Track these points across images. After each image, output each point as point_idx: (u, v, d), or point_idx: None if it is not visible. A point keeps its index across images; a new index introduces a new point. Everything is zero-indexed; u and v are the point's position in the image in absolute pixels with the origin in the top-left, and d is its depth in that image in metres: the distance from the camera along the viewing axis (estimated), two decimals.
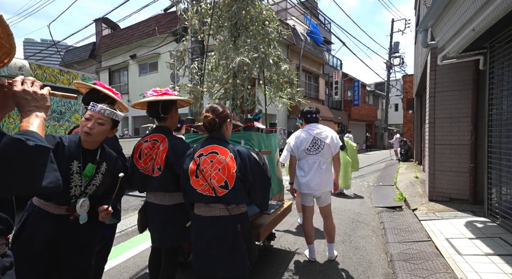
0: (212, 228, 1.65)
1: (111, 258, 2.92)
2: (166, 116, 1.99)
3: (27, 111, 0.83)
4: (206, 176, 1.61)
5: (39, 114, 0.84)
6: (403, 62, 23.52)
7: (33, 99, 0.85)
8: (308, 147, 2.82)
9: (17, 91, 0.84)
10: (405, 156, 12.74)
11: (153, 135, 1.98)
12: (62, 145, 1.41)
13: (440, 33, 4.18)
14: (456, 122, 4.71)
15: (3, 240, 0.78)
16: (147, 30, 13.81)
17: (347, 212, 4.87)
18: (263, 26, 3.02)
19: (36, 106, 0.85)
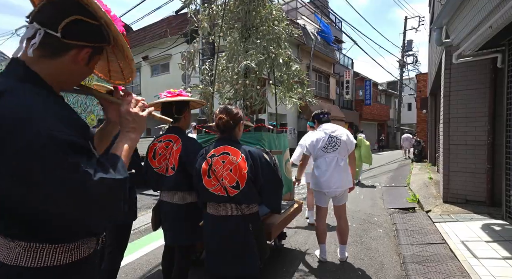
0: (224, 227, 1.67)
1: (124, 255, 3.01)
2: (180, 117, 2.03)
3: (125, 132, 0.85)
4: (218, 176, 1.63)
5: (133, 137, 0.85)
6: (416, 61, 23.03)
7: (133, 120, 0.86)
8: (325, 145, 2.84)
9: (121, 111, 0.87)
10: (419, 156, 12.46)
11: (167, 135, 2.02)
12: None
13: (455, 31, 4.07)
14: (472, 122, 4.58)
15: (95, 240, 0.85)
16: (159, 32, 14.03)
17: (358, 213, 4.82)
18: (273, 27, 3.05)
19: (134, 128, 0.86)
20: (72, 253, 0.76)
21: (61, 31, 0.71)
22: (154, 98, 2.18)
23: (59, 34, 0.71)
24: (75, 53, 0.75)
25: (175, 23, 12.80)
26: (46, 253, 0.73)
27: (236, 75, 3.02)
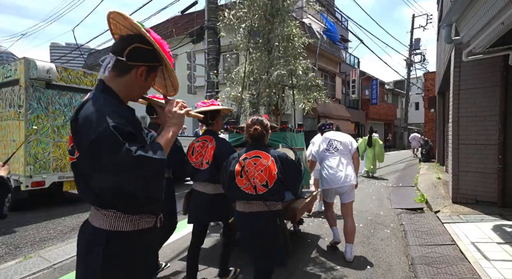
0: (254, 224, 1.89)
1: None
2: (213, 122, 2.44)
3: (167, 126, 1.10)
4: (250, 176, 1.86)
5: (173, 130, 1.09)
6: (424, 59, 22.70)
7: (173, 117, 1.10)
8: (327, 147, 3.24)
9: (165, 110, 1.13)
10: (427, 156, 12.28)
11: (203, 137, 2.45)
12: None
13: (465, 28, 3.99)
14: (482, 121, 4.49)
15: (154, 218, 1.10)
16: (164, 32, 14.10)
17: (365, 213, 4.76)
18: (293, 42, 3.66)
19: (173, 123, 1.10)
20: (135, 223, 1.03)
21: (125, 56, 1.01)
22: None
23: (124, 58, 1.01)
24: (135, 71, 1.05)
25: (180, 23, 12.85)
26: (118, 220, 1.01)
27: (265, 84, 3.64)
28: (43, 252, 3.07)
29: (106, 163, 0.90)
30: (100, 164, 0.91)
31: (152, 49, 1.06)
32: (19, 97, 4.32)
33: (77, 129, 0.95)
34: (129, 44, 1.03)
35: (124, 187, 0.94)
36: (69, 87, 4.72)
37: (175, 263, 2.96)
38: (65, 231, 3.86)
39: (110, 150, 0.89)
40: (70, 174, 4.75)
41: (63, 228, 3.99)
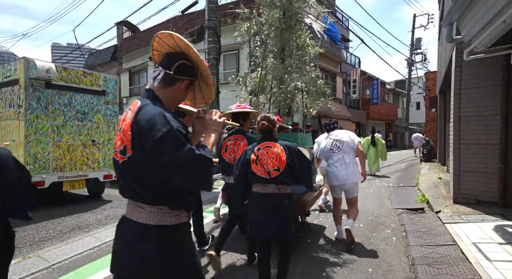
0: (268, 201, 2.19)
1: None
2: (244, 123, 2.82)
3: (208, 132, 1.26)
4: (263, 163, 2.18)
5: (213, 135, 1.24)
6: (425, 59, 22.64)
7: (214, 124, 1.26)
8: (331, 147, 3.52)
9: (206, 118, 1.28)
10: (428, 156, 12.23)
11: (234, 135, 2.80)
12: None
13: (467, 27, 3.96)
14: (484, 121, 4.46)
15: (186, 213, 1.19)
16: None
17: (366, 213, 4.74)
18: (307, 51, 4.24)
19: (214, 130, 1.26)
20: (177, 217, 1.14)
21: (173, 70, 1.17)
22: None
23: (172, 72, 1.17)
24: (179, 84, 1.20)
25: (181, 23, 12.84)
26: (164, 215, 1.10)
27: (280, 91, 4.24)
28: (42, 252, 3.06)
29: (169, 160, 1.01)
30: (163, 162, 1.01)
31: (193, 65, 1.24)
32: (19, 97, 4.32)
33: (139, 131, 1.04)
34: (176, 60, 1.20)
35: (184, 182, 1.07)
36: (68, 87, 4.71)
37: None
38: (64, 231, 3.85)
39: (175, 148, 1.01)
40: (70, 174, 4.75)
41: (63, 228, 3.99)
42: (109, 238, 3.51)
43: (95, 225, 4.06)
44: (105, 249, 3.26)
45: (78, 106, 4.82)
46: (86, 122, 4.96)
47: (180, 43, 1.18)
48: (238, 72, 12.78)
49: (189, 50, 1.19)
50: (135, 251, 1.07)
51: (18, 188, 1.45)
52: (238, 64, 12.72)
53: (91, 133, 5.03)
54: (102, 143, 5.21)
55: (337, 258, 3.01)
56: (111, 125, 5.37)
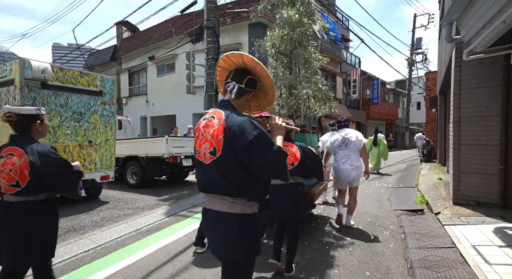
0: (285, 190, 2.57)
1: (123, 258, 2.98)
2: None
3: (275, 135, 1.49)
4: None
5: (279, 137, 1.49)
6: (426, 59, 22.57)
7: (279, 128, 1.52)
8: (339, 144, 3.96)
9: (272, 123, 1.55)
10: (428, 156, 12.17)
11: None
12: None
13: (466, 27, 3.92)
14: (484, 121, 4.41)
15: (257, 205, 1.42)
16: (164, 32, 14.08)
17: (365, 215, 4.70)
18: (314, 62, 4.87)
19: (280, 132, 1.52)
20: (252, 208, 1.38)
21: (244, 84, 1.42)
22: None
23: (243, 85, 1.42)
24: (247, 95, 1.46)
25: (180, 23, 12.81)
26: (245, 206, 1.35)
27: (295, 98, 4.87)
28: None
29: (261, 158, 1.27)
30: (254, 160, 1.28)
31: (256, 79, 1.48)
32: (14, 98, 4.29)
33: (231, 135, 1.28)
34: (245, 76, 1.44)
35: (270, 174, 1.39)
36: (65, 87, 4.67)
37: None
38: (59, 233, 3.76)
39: (266, 148, 1.28)
40: None
41: (59, 229, 3.92)
42: (104, 240, 3.48)
43: (91, 226, 4.02)
44: (100, 251, 3.22)
45: (74, 107, 4.79)
46: (83, 123, 4.92)
47: (248, 61, 1.43)
48: None
49: (256, 67, 1.44)
50: (224, 232, 1.35)
51: (59, 177, 1.71)
52: None
53: (88, 134, 4.99)
54: (99, 144, 5.17)
55: (335, 261, 2.97)
56: (108, 126, 5.33)
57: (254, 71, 1.46)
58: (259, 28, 12.03)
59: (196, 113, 12.35)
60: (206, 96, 8.65)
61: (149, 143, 6.46)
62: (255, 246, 1.40)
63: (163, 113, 15.40)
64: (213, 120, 1.36)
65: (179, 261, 2.98)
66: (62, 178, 1.72)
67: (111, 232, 3.76)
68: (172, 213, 4.79)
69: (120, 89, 17.69)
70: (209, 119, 1.38)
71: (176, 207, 5.18)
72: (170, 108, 14.83)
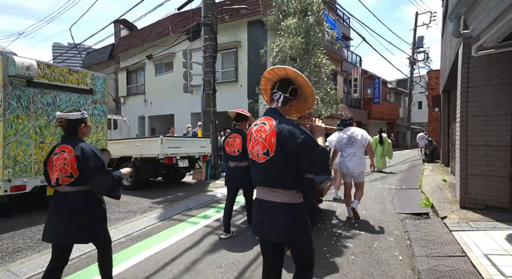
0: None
1: (117, 264, 2.75)
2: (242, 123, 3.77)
3: (316, 135, 1.68)
4: None
5: (320, 137, 1.68)
6: (428, 58, 22.30)
7: (320, 129, 1.74)
8: (346, 142, 4.27)
9: (312, 125, 1.75)
10: (430, 156, 11.94)
11: (233, 134, 3.70)
12: None
13: (476, 21, 3.69)
14: (493, 121, 4.18)
15: (302, 195, 1.63)
16: (162, 30, 13.86)
17: (367, 219, 4.48)
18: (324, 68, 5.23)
19: (320, 133, 1.72)
20: (299, 198, 1.62)
21: (288, 93, 1.63)
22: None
23: (288, 94, 1.63)
24: (291, 103, 1.68)
25: (177, 21, 12.59)
26: (293, 197, 1.59)
27: None
28: (13, 265, 2.81)
29: (309, 156, 1.48)
30: (302, 158, 1.49)
31: (297, 87, 1.67)
32: None
33: (283, 139, 1.49)
34: (289, 86, 1.64)
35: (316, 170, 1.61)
36: (52, 85, 4.43)
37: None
38: (40, 241, 3.50)
39: (313, 148, 1.48)
40: None
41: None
42: (89, 248, 3.25)
43: None
44: (85, 260, 3.01)
45: (63, 105, 4.56)
46: None
47: (290, 73, 1.63)
48: (236, 71, 12.54)
49: (298, 77, 1.62)
50: (274, 221, 1.56)
51: (96, 174, 1.93)
52: (237, 63, 12.46)
53: None
54: None
55: (336, 272, 2.76)
56: (99, 126, 5.10)
57: (295, 81, 1.65)
58: (258, 25, 11.80)
59: (194, 112, 12.14)
60: (203, 95, 8.44)
61: (143, 143, 6.23)
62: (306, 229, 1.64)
63: (161, 112, 15.19)
64: (265, 126, 1.59)
65: (169, 271, 2.77)
66: (93, 175, 1.93)
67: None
68: (165, 216, 4.58)
69: (118, 89, 17.48)
70: (261, 125, 1.62)
71: (170, 210, 4.97)
72: (168, 107, 14.62)
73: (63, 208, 1.97)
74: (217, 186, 7.14)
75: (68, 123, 2.02)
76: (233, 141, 3.63)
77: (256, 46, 11.88)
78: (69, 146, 1.97)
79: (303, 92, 1.70)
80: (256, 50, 11.89)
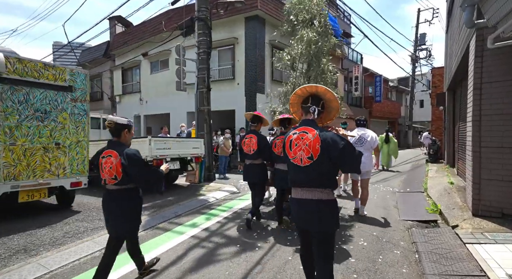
0: None
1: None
2: (259, 125, 4.23)
3: None
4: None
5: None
6: (430, 55, 21.83)
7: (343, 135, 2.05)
8: (355, 141, 4.47)
9: (342, 134, 2.03)
10: (434, 156, 11.53)
11: (249, 134, 4.12)
12: None
13: (492, 9, 3.29)
14: (510, 120, 3.79)
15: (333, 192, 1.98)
16: (157, 27, 13.44)
17: (370, 228, 4.09)
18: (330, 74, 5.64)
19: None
20: (332, 194, 1.96)
21: (320, 106, 2.02)
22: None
23: (320, 108, 2.01)
24: (322, 115, 2.08)
25: (172, 16, 12.18)
26: (328, 194, 1.92)
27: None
28: None
29: (349, 158, 1.84)
30: (345, 160, 1.84)
31: (324, 101, 2.04)
32: None
33: (326, 145, 1.83)
34: (320, 100, 2.02)
35: (351, 169, 2.01)
36: (24, 81, 4.02)
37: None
38: (4, 255, 3.08)
39: (353, 151, 1.86)
40: (27, 183, 4.07)
41: (5, 250, 3.20)
42: (57, 265, 2.87)
43: (48, 245, 3.34)
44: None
45: (37, 104, 4.17)
46: (48, 123, 4.30)
47: (320, 90, 1.99)
48: (233, 69, 12.13)
49: (327, 94, 1.98)
50: (319, 214, 1.89)
51: (141, 176, 2.23)
52: (234, 60, 12.04)
53: (54, 135, 4.35)
54: (68, 146, 4.53)
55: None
56: (79, 126, 4.69)
57: (324, 97, 2.00)
58: (256, 21, 11.38)
59: (191, 111, 11.73)
60: (197, 93, 8.05)
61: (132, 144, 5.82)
62: (337, 220, 1.98)
63: (157, 111, 14.78)
64: (307, 135, 1.88)
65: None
66: (139, 175, 2.23)
67: (69, 253, 3.14)
68: (150, 225, 4.20)
69: (113, 87, 17.08)
70: (302, 133, 1.91)
71: (156, 217, 4.59)
72: (164, 106, 14.22)
73: (110, 204, 2.31)
74: (210, 189, 6.75)
75: (116, 127, 2.30)
76: (249, 141, 4.04)
77: (253, 43, 11.46)
78: (115, 151, 2.24)
79: (329, 106, 2.07)
80: (254, 47, 11.47)
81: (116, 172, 2.20)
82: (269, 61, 12.18)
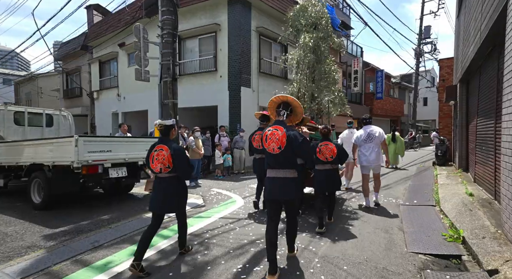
0: (331, 173, 4.17)
1: None
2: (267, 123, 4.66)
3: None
4: (324, 153, 4.06)
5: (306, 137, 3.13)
6: (435, 49, 20.41)
7: (304, 133, 3.29)
8: (365, 138, 5.01)
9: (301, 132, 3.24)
10: (443, 159, 10.16)
11: (259, 131, 4.64)
12: None
13: None
14: None
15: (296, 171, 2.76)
16: (135, 15, 12.11)
17: (366, 265, 2.77)
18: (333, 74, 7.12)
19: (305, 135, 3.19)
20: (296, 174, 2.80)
21: (289, 111, 2.82)
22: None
23: (289, 112, 2.82)
24: (290, 117, 2.88)
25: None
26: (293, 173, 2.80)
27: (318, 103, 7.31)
28: None
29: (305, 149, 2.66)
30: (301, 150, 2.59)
31: (292, 107, 2.82)
32: None
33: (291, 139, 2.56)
34: (289, 106, 2.79)
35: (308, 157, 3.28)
36: None
37: None
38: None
39: (308, 145, 2.72)
40: None
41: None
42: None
43: None
44: None
45: None
46: None
47: (290, 99, 2.79)
48: (215, 59, 10.79)
49: (293, 102, 2.80)
50: (286, 187, 2.63)
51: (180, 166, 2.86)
52: (216, 50, 10.70)
53: None
54: None
55: None
56: None
57: (292, 104, 2.80)
58: (240, 5, 10.04)
59: None
60: (160, 83, 6.71)
61: (54, 146, 4.50)
62: (299, 191, 2.88)
63: (135, 108, 13.49)
64: (278, 131, 2.60)
65: None
66: (181, 167, 2.86)
67: None
68: (42, 266, 2.84)
69: (91, 82, 15.78)
70: (274, 130, 2.63)
71: (61, 250, 3.24)
72: (142, 102, 12.92)
73: (163, 188, 2.85)
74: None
75: (165, 128, 2.93)
76: (258, 137, 4.40)
77: (238, 30, 10.12)
78: (165, 146, 2.83)
79: (295, 111, 2.85)
80: (238, 34, 10.13)
81: (168, 162, 2.78)
82: (256, 50, 10.82)
